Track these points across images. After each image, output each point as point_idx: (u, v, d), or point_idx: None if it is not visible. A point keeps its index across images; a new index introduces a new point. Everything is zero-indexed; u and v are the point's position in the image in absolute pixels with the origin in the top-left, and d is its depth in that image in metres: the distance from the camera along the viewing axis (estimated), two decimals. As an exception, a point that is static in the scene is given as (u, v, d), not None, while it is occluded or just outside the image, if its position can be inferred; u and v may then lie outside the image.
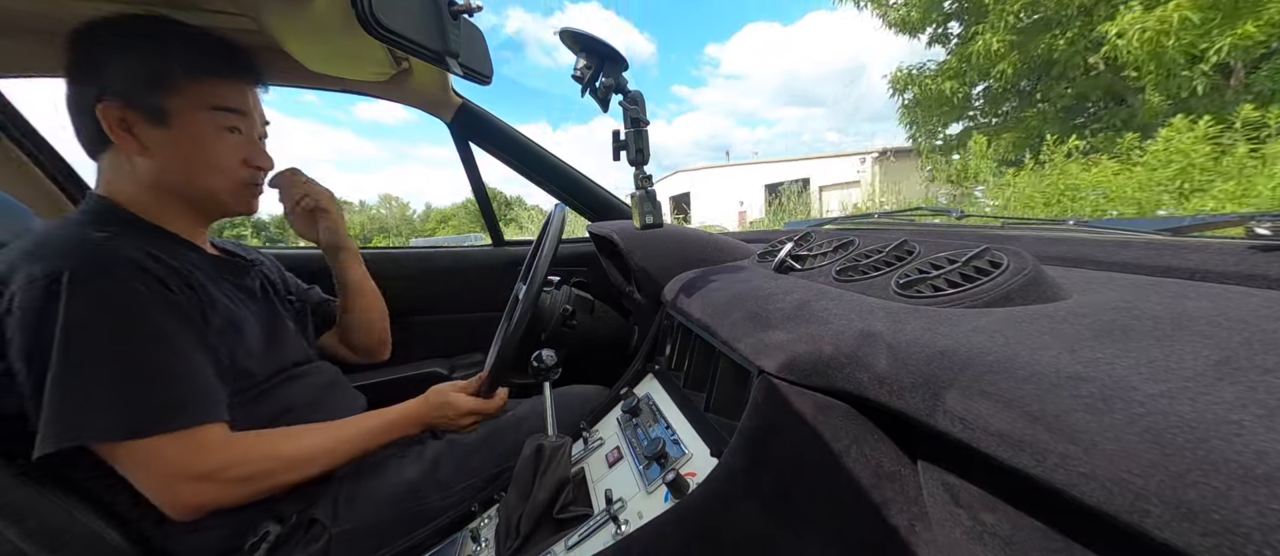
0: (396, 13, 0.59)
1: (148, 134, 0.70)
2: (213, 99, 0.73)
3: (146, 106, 0.69)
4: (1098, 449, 0.29)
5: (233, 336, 0.73)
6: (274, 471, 0.69)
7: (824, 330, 0.55)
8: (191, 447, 0.63)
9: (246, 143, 0.78)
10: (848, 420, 0.54)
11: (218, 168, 0.76)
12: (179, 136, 0.72)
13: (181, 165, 0.73)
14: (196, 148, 0.73)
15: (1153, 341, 0.36)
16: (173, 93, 0.70)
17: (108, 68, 0.69)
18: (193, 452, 0.63)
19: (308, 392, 0.83)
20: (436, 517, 0.80)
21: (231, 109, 0.75)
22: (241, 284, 0.82)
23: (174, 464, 0.62)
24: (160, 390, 0.62)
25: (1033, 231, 0.81)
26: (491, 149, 1.47)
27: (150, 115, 0.70)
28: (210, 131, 0.74)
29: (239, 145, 0.77)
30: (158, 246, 0.69)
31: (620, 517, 0.64)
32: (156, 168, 0.72)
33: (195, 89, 0.72)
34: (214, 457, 0.64)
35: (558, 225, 1.01)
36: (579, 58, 0.71)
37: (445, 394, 0.87)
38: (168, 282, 0.66)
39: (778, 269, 0.86)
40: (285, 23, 0.83)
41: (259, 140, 0.81)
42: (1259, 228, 0.54)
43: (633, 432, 0.79)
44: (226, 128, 0.75)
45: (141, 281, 0.63)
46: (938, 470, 0.51)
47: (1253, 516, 0.23)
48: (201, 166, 0.75)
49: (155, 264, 0.66)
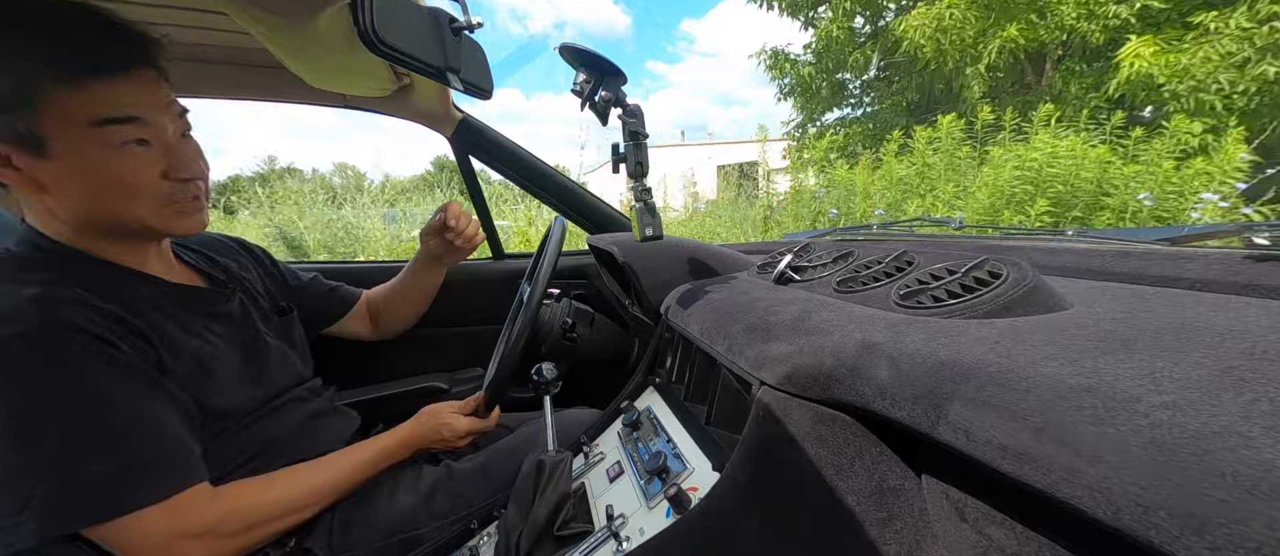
0: (397, 29, 0.60)
1: (34, 168, 0.56)
2: (93, 110, 0.56)
3: (15, 136, 0.55)
4: (1102, 461, 0.28)
5: (201, 377, 0.66)
6: (269, 518, 0.66)
7: (825, 342, 0.55)
8: (175, 512, 0.57)
9: (159, 152, 0.62)
10: (850, 433, 0.54)
11: (128, 192, 0.60)
12: (69, 166, 0.57)
13: (87, 197, 0.59)
14: (94, 176, 0.58)
15: (1155, 352, 0.35)
16: (43, 111, 0.54)
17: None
18: (179, 516, 0.57)
19: (294, 420, 0.79)
20: (431, 543, 0.79)
21: (123, 118, 0.58)
22: (213, 313, 0.73)
23: (163, 531, 0.56)
24: (119, 459, 0.54)
25: (1032, 242, 0.81)
26: (492, 162, 1.47)
27: (25, 146, 0.55)
28: (104, 154, 0.58)
29: (149, 158, 0.61)
30: (99, 289, 0.59)
31: (621, 534, 0.63)
32: (64, 204, 0.60)
33: (69, 101, 0.55)
34: (205, 515, 0.59)
35: (557, 238, 1.01)
36: (578, 73, 0.71)
37: (439, 414, 0.86)
38: (108, 337, 0.57)
39: (777, 280, 0.86)
40: (286, 39, 0.83)
41: (180, 141, 0.65)
42: (1258, 237, 0.54)
43: (634, 447, 0.79)
44: (124, 142, 0.59)
45: (76, 343, 0.54)
46: (941, 484, 0.51)
47: (1261, 528, 0.23)
48: (110, 197, 0.60)
49: (94, 318, 0.57)
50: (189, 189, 0.66)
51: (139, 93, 0.60)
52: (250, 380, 0.74)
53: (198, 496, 0.60)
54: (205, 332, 0.71)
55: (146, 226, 0.64)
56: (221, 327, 0.74)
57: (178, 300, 0.70)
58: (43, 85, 0.54)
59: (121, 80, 0.59)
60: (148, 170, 0.62)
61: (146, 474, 0.56)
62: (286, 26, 0.78)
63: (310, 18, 0.74)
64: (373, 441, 0.80)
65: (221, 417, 0.68)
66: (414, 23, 0.65)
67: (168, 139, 0.63)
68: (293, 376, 0.83)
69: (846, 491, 0.53)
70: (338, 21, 0.74)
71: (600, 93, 0.70)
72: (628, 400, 0.92)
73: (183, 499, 0.58)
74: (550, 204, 1.55)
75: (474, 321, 1.51)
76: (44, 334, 0.54)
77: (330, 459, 0.76)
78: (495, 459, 0.89)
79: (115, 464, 0.55)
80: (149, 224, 0.64)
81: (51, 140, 0.56)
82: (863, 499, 0.53)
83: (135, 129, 0.60)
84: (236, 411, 0.70)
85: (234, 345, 0.74)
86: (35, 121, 0.55)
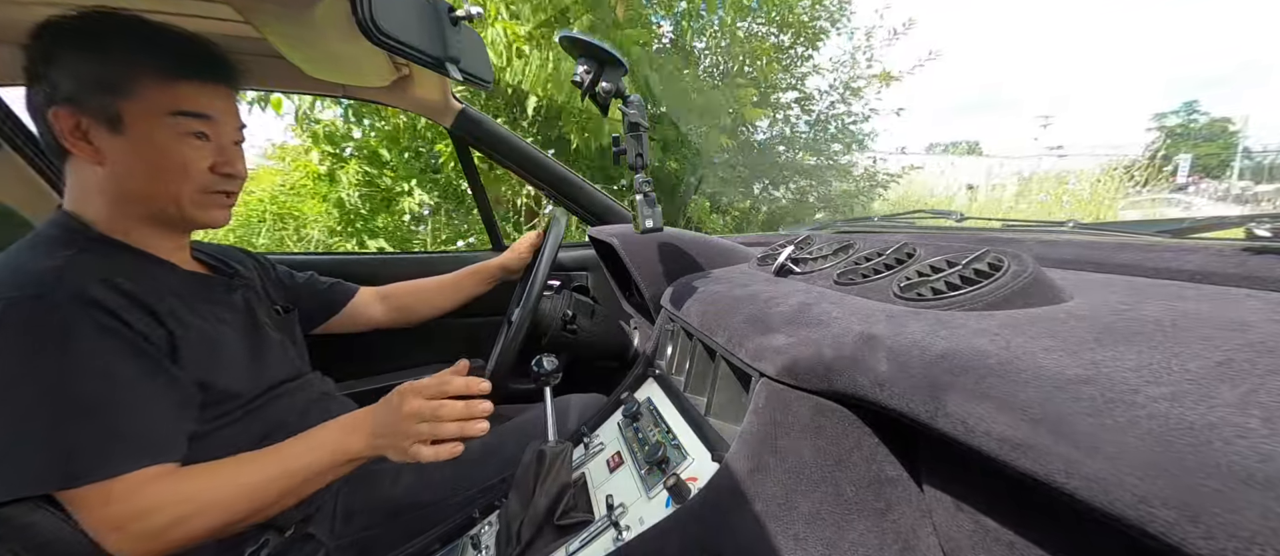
0: (396, 19, 0.60)
1: (104, 141, 0.65)
2: (174, 103, 0.68)
3: (100, 112, 0.64)
4: (1100, 452, 0.29)
5: (208, 358, 0.68)
6: (187, 516, 0.59)
7: (824, 333, 0.55)
8: (102, 498, 0.56)
9: (214, 149, 0.72)
10: (849, 424, 0.54)
11: (178, 175, 0.70)
12: (136, 144, 0.66)
13: (140, 175, 0.68)
14: (155, 156, 0.68)
15: (1154, 344, 0.36)
16: (128, 97, 0.65)
17: (59, 70, 0.64)
18: (102, 503, 0.56)
19: (297, 408, 0.79)
20: (435, 528, 0.80)
21: (196, 113, 0.69)
22: (220, 301, 0.78)
23: (94, 514, 0.56)
24: (95, 432, 0.56)
25: (1032, 234, 0.81)
26: (491, 153, 1.47)
27: (105, 121, 0.65)
28: (170, 138, 0.68)
29: (205, 152, 0.71)
30: (120, 269, 0.64)
31: (621, 523, 0.63)
32: (116, 178, 0.68)
33: (154, 92, 0.66)
34: (123, 507, 0.57)
35: (558, 230, 1.01)
36: (579, 63, 0.71)
37: (407, 401, 0.67)
38: (121, 314, 0.61)
39: (777, 272, 0.86)
40: (284, 29, 0.83)
41: (232, 146, 0.75)
42: (1259, 229, 0.54)
43: (633, 437, 0.79)
44: (190, 133, 0.69)
45: (86, 314, 0.58)
46: (940, 474, 0.51)
47: (1256, 519, 0.23)
48: (161, 176, 0.69)
49: (110, 294, 0.61)
50: (228, 185, 0.75)
51: (212, 98, 0.72)
52: (254, 365, 0.75)
53: (120, 486, 0.57)
54: (212, 318, 0.73)
55: (181, 209, 0.72)
56: (227, 315, 0.77)
57: (190, 285, 0.74)
58: (141, 78, 0.65)
59: (201, 85, 0.70)
60: (200, 160, 0.71)
61: (88, 455, 0.56)
62: (285, 16, 0.77)
63: (309, 7, 0.73)
64: (305, 437, 0.68)
65: (227, 399, 0.70)
66: (413, 12, 0.64)
67: (223, 140, 0.73)
68: (293, 369, 0.84)
69: (845, 482, 0.54)
70: (336, 11, 0.73)
71: (601, 84, 0.70)
72: (627, 391, 0.93)
73: (115, 486, 0.57)
74: (550, 196, 1.54)
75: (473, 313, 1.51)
76: (58, 299, 0.58)
77: (258, 454, 0.66)
78: (502, 438, 0.90)
79: (90, 431, 0.57)
80: (184, 207, 0.72)
81: (129, 120, 0.65)
82: (861, 489, 0.54)
83: (200, 123, 0.70)
84: (241, 394, 0.72)
85: (238, 332, 0.76)
86: (119, 103, 0.65)
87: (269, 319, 0.85)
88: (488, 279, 1.21)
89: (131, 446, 0.59)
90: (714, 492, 0.56)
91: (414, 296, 1.18)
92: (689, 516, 0.57)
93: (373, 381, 1.31)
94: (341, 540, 0.74)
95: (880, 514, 0.53)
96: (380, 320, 1.15)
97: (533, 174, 1.50)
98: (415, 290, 1.18)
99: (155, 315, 0.65)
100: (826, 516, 0.53)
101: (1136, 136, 53.41)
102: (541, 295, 1.01)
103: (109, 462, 0.57)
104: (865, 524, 0.53)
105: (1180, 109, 52.02)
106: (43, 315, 0.57)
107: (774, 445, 0.55)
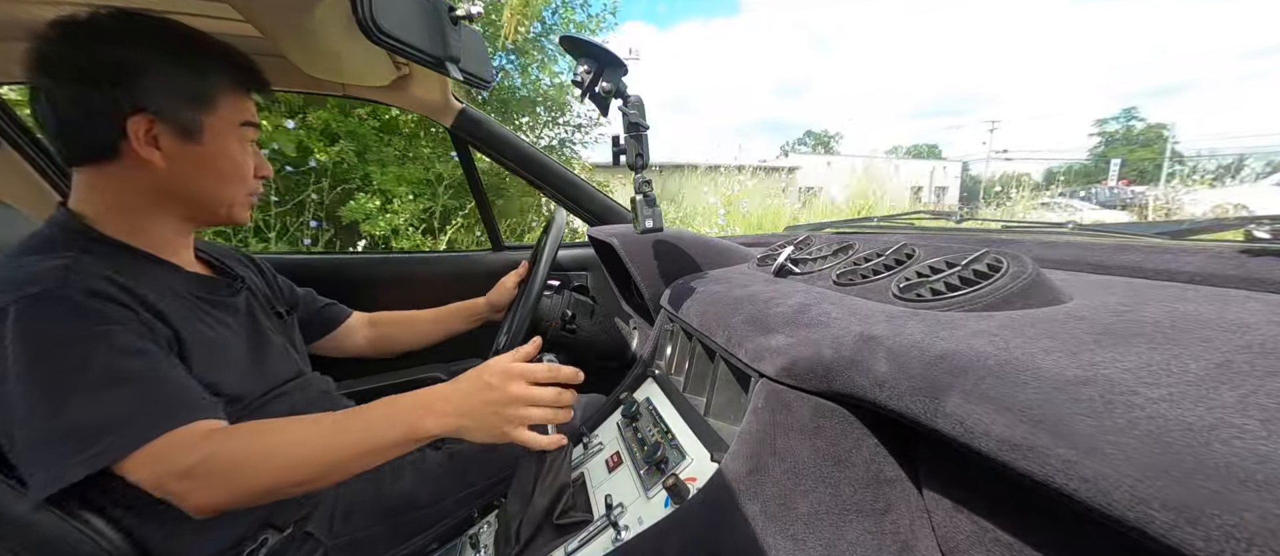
0: (396, 18, 0.60)
1: (174, 148, 0.68)
2: (244, 115, 0.74)
3: (182, 121, 0.67)
4: (1099, 453, 0.29)
5: (213, 360, 0.69)
6: (253, 460, 0.59)
7: (824, 334, 0.55)
8: (163, 452, 0.57)
9: (255, 154, 0.78)
10: (848, 424, 0.54)
11: (239, 181, 0.75)
12: (207, 151, 0.70)
13: (205, 179, 0.72)
14: (225, 163, 0.73)
15: (1153, 345, 0.36)
16: (211, 109, 0.70)
17: (147, 79, 0.65)
18: (165, 456, 0.57)
19: (297, 409, 0.77)
20: (433, 528, 0.80)
21: (255, 124, 0.76)
22: (222, 302, 0.78)
23: (155, 470, 0.57)
24: (124, 405, 0.57)
25: (1032, 235, 0.81)
26: (491, 153, 1.47)
27: (183, 130, 0.68)
28: (237, 146, 0.74)
29: (253, 157, 0.77)
30: (124, 269, 0.65)
31: (620, 523, 0.63)
32: (174, 180, 0.70)
33: (230, 106, 0.72)
34: (189, 454, 0.58)
35: (558, 229, 1.01)
36: (579, 63, 0.71)
37: (511, 374, 0.65)
38: (125, 303, 0.62)
39: (777, 273, 0.86)
40: (285, 28, 0.83)
41: (258, 149, 0.80)
42: (1258, 231, 0.54)
43: (632, 437, 0.79)
44: (248, 140, 0.76)
45: (91, 303, 0.59)
46: (939, 475, 0.51)
47: (1254, 520, 0.23)
48: (227, 180, 0.74)
49: (115, 291, 0.62)
50: (259, 186, 0.80)
51: (255, 110, 0.78)
52: (255, 368, 0.75)
53: (184, 436, 0.58)
54: (214, 321, 0.73)
55: (231, 209, 0.76)
56: (229, 318, 0.77)
57: (192, 287, 0.75)
58: (224, 91, 0.71)
59: (254, 99, 0.77)
60: (250, 165, 0.77)
61: (140, 418, 0.57)
62: (285, 15, 0.77)
63: (309, 7, 0.73)
64: (375, 406, 0.65)
65: (230, 402, 0.69)
66: (413, 11, 0.64)
67: (257, 146, 0.79)
68: (294, 369, 0.84)
69: (844, 482, 0.54)
70: (336, 10, 0.73)
71: (601, 84, 0.70)
72: (627, 391, 0.93)
73: (175, 438, 0.58)
74: (550, 195, 1.54)
75: None
76: (61, 293, 0.58)
77: (328, 415, 0.65)
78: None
79: (117, 409, 0.57)
80: (234, 207, 0.76)
81: (207, 130, 0.69)
82: (860, 489, 0.54)
83: (254, 133, 0.77)
84: (243, 396, 0.71)
85: (240, 335, 0.76)
86: (202, 115, 0.69)
87: (270, 321, 0.86)
88: (473, 318, 1.20)
89: (179, 403, 0.60)
90: (713, 492, 0.56)
91: (400, 327, 1.17)
92: (688, 516, 0.57)
93: (372, 381, 1.31)
94: (340, 539, 0.74)
95: (879, 514, 0.53)
96: (362, 348, 1.14)
97: (533, 174, 1.50)
98: (402, 321, 1.17)
99: (160, 315, 0.65)
100: (825, 517, 0.53)
101: (1080, 141, 54.04)
102: (541, 295, 1.01)
103: (163, 420, 0.58)
104: (864, 524, 0.53)
105: (1120, 115, 53.00)
106: (57, 307, 0.57)
107: (773, 445, 0.55)
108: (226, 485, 0.59)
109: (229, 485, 0.59)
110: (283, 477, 0.60)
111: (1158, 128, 48.38)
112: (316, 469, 0.61)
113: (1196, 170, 11.17)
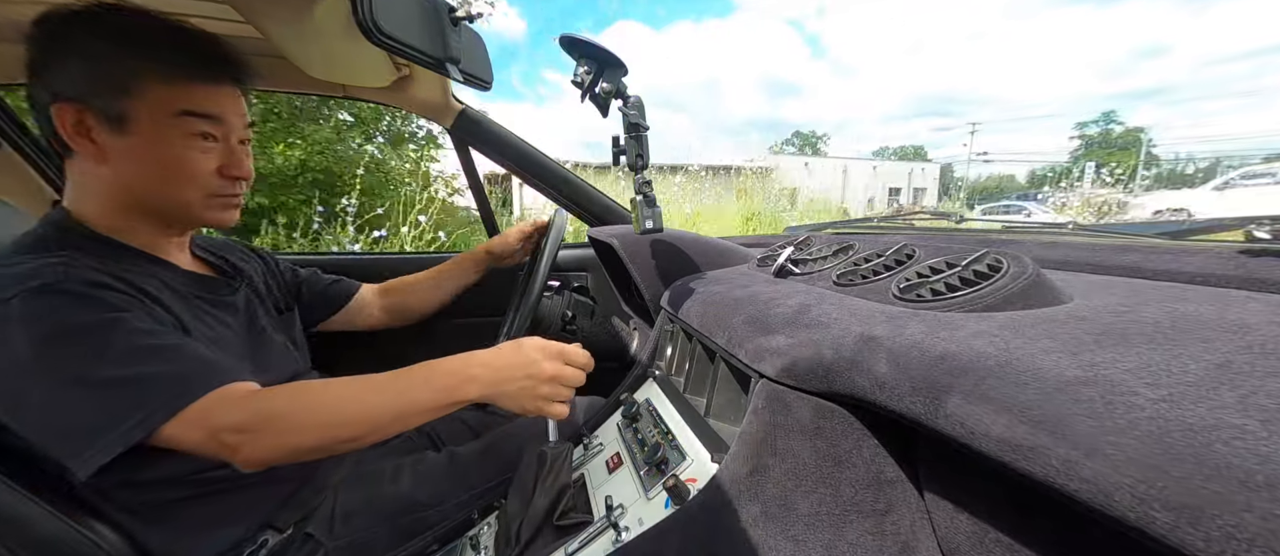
0: (397, 19, 0.60)
1: (107, 140, 0.64)
2: (181, 103, 0.66)
3: (104, 110, 0.63)
4: (1099, 453, 0.29)
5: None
6: (300, 411, 0.60)
7: (824, 335, 0.55)
8: (211, 410, 0.57)
9: (222, 150, 0.71)
10: (848, 425, 0.54)
11: (186, 178, 0.69)
12: (141, 144, 0.65)
13: (146, 176, 0.67)
14: (161, 157, 0.67)
15: (1153, 345, 0.36)
16: (134, 96, 0.63)
17: (63, 65, 0.62)
18: (214, 414, 0.57)
19: None
20: (434, 529, 0.80)
21: (203, 114, 0.68)
22: (221, 302, 0.77)
23: (204, 428, 0.56)
24: (162, 369, 0.57)
25: (1033, 236, 0.81)
26: (492, 154, 1.47)
27: (108, 120, 0.63)
28: (177, 139, 0.67)
29: (212, 153, 0.70)
30: (120, 267, 0.64)
31: (620, 524, 0.63)
32: (119, 177, 0.66)
33: (161, 92, 0.65)
34: (239, 410, 0.58)
35: (558, 230, 1.01)
36: (579, 63, 0.71)
37: (545, 352, 0.67)
38: (129, 294, 0.62)
39: (777, 273, 0.86)
40: (285, 29, 0.83)
41: (240, 146, 0.74)
42: (1258, 231, 0.54)
43: (633, 438, 0.79)
44: (197, 134, 0.68)
45: (99, 294, 0.59)
46: (939, 475, 0.51)
47: (1255, 522, 0.23)
48: (167, 177, 0.68)
49: (116, 282, 0.61)
50: (235, 187, 0.74)
51: (220, 99, 0.70)
52: (255, 366, 0.75)
53: (232, 394, 0.59)
54: (212, 320, 0.73)
55: (189, 212, 0.71)
56: (228, 316, 0.76)
57: (190, 285, 0.74)
58: (144, 78, 0.64)
59: (209, 85, 0.69)
60: (207, 162, 0.70)
61: (186, 380, 0.58)
62: (286, 16, 0.77)
63: (309, 7, 0.73)
64: (420, 369, 0.66)
65: None
66: (413, 12, 0.64)
67: (232, 142, 0.72)
68: (294, 369, 0.84)
69: (845, 483, 0.54)
70: (336, 11, 0.74)
71: (601, 84, 0.70)
72: (627, 392, 0.93)
73: (218, 396, 0.58)
74: (550, 196, 1.54)
75: (473, 313, 1.51)
76: (67, 286, 0.58)
77: (373, 377, 0.65)
78: (499, 441, 0.89)
79: (157, 374, 0.57)
80: (192, 209, 0.71)
81: (134, 120, 0.64)
82: (861, 490, 0.54)
83: (207, 124, 0.69)
84: None
85: (239, 333, 0.76)
86: (124, 102, 0.63)
87: (270, 320, 0.85)
88: (475, 265, 1.18)
89: (215, 366, 0.60)
90: (713, 493, 0.56)
91: (409, 292, 1.16)
92: (688, 517, 0.57)
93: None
94: (340, 540, 0.74)
95: (879, 515, 0.53)
96: (377, 319, 1.14)
97: (533, 174, 1.50)
98: (409, 286, 1.16)
99: (163, 307, 0.65)
100: (825, 517, 0.53)
101: (1062, 143, 54.17)
102: (541, 296, 1.01)
103: (208, 378, 0.58)
104: (864, 525, 0.53)
105: (1099, 118, 52.67)
106: (61, 299, 0.57)
107: (773, 446, 0.55)
108: (279, 439, 0.58)
109: (281, 438, 0.59)
110: (328, 435, 0.60)
111: (1136, 130, 48.34)
112: (359, 428, 0.61)
113: (1171, 173, 11.15)
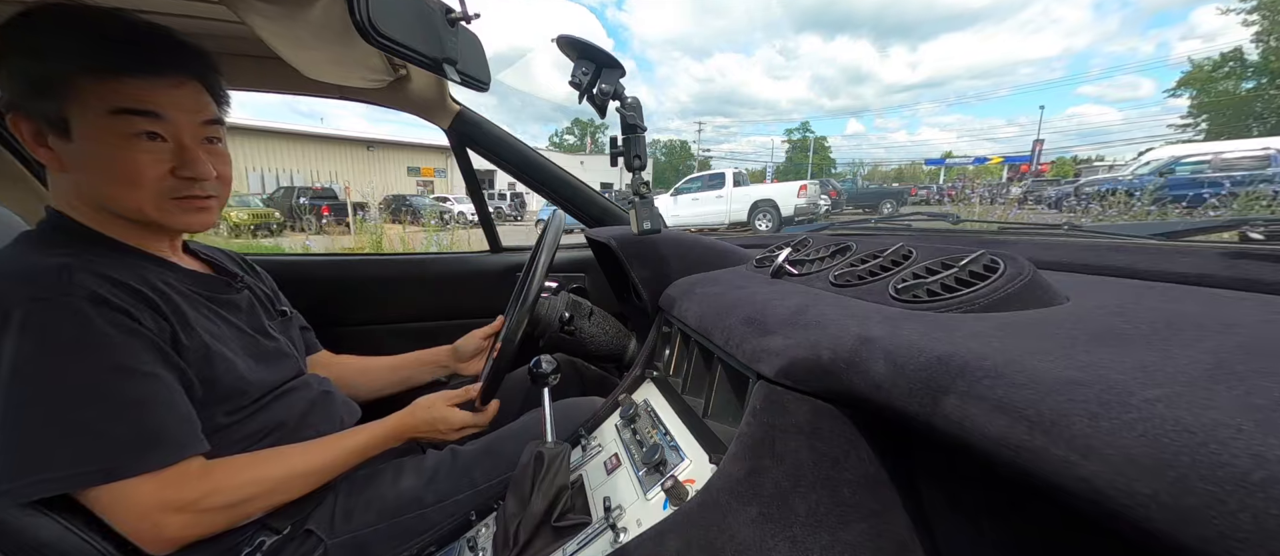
0: (393, 20, 0.60)
1: (59, 147, 0.62)
2: (113, 100, 0.61)
3: (45, 116, 0.61)
4: (1095, 453, 0.29)
5: (211, 356, 0.68)
6: (255, 496, 0.66)
7: (821, 335, 0.55)
8: (168, 482, 0.59)
9: (171, 150, 0.66)
10: (846, 425, 0.54)
11: (130, 181, 0.64)
12: (86, 148, 0.62)
13: (95, 181, 0.64)
14: (104, 161, 0.63)
15: (1148, 346, 0.36)
16: (68, 98, 0.60)
17: (7, 74, 0.61)
18: (170, 486, 0.59)
19: (300, 406, 0.80)
20: (434, 528, 0.80)
21: (140, 111, 0.63)
22: (224, 299, 0.77)
23: (151, 499, 0.58)
24: (130, 427, 0.58)
25: (1029, 236, 0.82)
26: (489, 155, 1.47)
27: (52, 125, 0.61)
28: (115, 140, 0.62)
29: (160, 154, 0.65)
30: (119, 267, 0.63)
31: (618, 525, 0.63)
32: (77, 184, 0.65)
33: (93, 90, 0.61)
34: (192, 488, 0.61)
35: (555, 231, 1.01)
36: (577, 64, 0.71)
37: (434, 406, 0.85)
38: (129, 309, 0.61)
39: (774, 274, 0.86)
40: (281, 29, 0.83)
41: (199, 143, 0.68)
42: (1253, 233, 0.55)
43: (631, 439, 0.79)
44: (138, 134, 0.63)
45: (98, 313, 0.58)
46: (936, 475, 0.51)
47: (1249, 521, 0.23)
48: (114, 180, 0.64)
49: (115, 290, 0.61)
50: (192, 187, 0.69)
51: (164, 94, 0.65)
52: (258, 364, 0.75)
53: (191, 467, 0.62)
54: (214, 316, 0.73)
55: (146, 216, 0.67)
56: (229, 314, 0.77)
57: (191, 283, 0.74)
58: (71, 76, 0.60)
59: (148, 80, 0.64)
60: (156, 163, 0.65)
61: (154, 440, 0.59)
62: (282, 17, 0.77)
63: (306, 8, 0.73)
64: (362, 428, 0.81)
65: (233, 397, 0.70)
66: (410, 13, 0.64)
67: (184, 139, 0.67)
68: (294, 369, 0.84)
69: (842, 483, 0.54)
70: (333, 12, 0.73)
71: (599, 85, 0.70)
72: (625, 392, 0.93)
73: (177, 471, 0.60)
74: (548, 197, 1.54)
75: (471, 315, 1.51)
76: (68, 300, 0.57)
77: (319, 443, 0.76)
78: (500, 441, 0.89)
79: (126, 430, 0.57)
80: (149, 214, 0.67)
81: (73, 123, 0.61)
82: (858, 490, 0.54)
83: (149, 122, 0.64)
84: (246, 393, 0.72)
85: (241, 331, 0.76)
86: (62, 106, 0.60)
87: (272, 320, 0.86)
88: (436, 366, 1.13)
89: (172, 438, 0.61)
90: (712, 494, 0.56)
91: (360, 374, 1.09)
92: (686, 518, 0.57)
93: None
94: (340, 538, 0.74)
95: (877, 515, 0.53)
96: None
97: (530, 175, 1.50)
98: (363, 368, 1.10)
99: (159, 311, 0.65)
100: (824, 518, 0.53)
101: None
102: (539, 296, 1.01)
103: (152, 454, 0.58)
104: (862, 525, 0.53)
105: (799, 127, 53.68)
106: (60, 314, 0.57)
107: (771, 447, 0.55)
108: (227, 516, 0.64)
109: (230, 515, 0.64)
110: (276, 502, 0.68)
111: (820, 138, 47.61)
112: (306, 488, 0.72)
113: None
